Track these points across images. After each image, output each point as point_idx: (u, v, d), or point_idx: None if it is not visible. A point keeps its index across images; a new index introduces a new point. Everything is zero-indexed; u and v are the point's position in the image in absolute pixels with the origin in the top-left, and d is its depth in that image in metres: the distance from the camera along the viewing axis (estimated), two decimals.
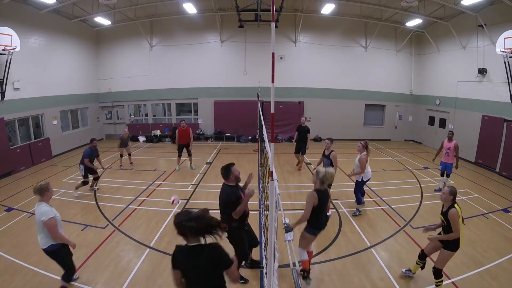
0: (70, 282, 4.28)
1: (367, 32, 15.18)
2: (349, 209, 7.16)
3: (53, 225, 3.71)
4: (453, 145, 7.95)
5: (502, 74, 10.01)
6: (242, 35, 15.18)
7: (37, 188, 3.79)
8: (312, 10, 14.01)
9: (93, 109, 15.63)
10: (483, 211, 7.10)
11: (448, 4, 10.88)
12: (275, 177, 2.37)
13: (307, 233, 4.24)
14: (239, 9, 12.30)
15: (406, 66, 15.95)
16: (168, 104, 16.38)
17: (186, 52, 15.38)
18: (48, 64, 12.20)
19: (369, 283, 4.49)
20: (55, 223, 3.74)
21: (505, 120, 10.27)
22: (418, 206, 7.39)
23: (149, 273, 4.70)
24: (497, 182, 9.55)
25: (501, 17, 10.06)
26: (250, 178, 4.62)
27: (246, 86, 15.30)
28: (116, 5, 12.40)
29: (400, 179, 9.57)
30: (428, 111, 15.09)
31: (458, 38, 12.21)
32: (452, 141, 8.01)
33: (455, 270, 4.75)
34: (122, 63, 15.74)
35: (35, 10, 11.12)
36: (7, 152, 10.03)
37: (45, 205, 3.79)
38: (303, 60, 15.45)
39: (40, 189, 3.78)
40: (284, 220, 2.86)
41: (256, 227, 6.19)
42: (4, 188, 8.69)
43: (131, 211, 6.97)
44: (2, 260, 4.99)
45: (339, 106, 15.76)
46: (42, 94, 11.85)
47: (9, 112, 10.34)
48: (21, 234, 5.89)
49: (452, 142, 7.99)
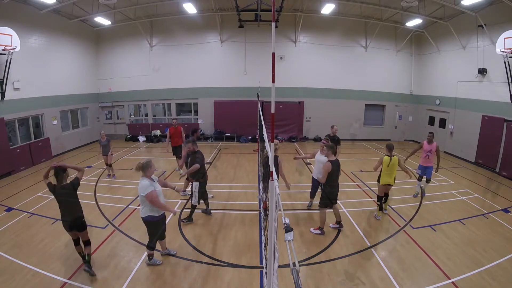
0: (154, 250, 4.82)
1: (367, 32, 15.17)
2: (349, 209, 7.16)
3: (153, 196, 4.26)
4: (434, 148, 7.39)
5: (502, 74, 10.01)
6: (242, 35, 15.18)
7: (139, 166, 4.36)
8: (312, 10, 14.01)
9: (93, 109, 15.63)
10: (483, 211, 7.09)
11: (448, 4, 10.88)
12: (275, 177, 2.37)
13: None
14: (239, 9, 12.29)
15: (406, 66, 15.94)
16: (168, 104, 16.38)
17: (186, 52, 15.38)
18: (48, 64, 12.20)
19: (369, 283, 4.49)
20: (155, 195, 4.28)
21: (505, 120, 10.27)
22: (418, 206, 7.39)
23: (149, 273, 4.70)
24: (497, 182, 9.55)
25: (501, 17, 10.06)
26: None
27: (246, 86, 15.29)
28: (116, 5, 12.40)
29: (400, 179, 9.55)
30: (428, 111, 15.09)
31: (458, 38, 12.21)
32: (433, 143, 7.44)
33: (455, 270, 4.75)
34: (122, 63, 15.74)
35: (35, 10, 11.12)
36: (7, 152, 10.03)
37: (146, 180, 4.33)
38: (303, 60, 15.45)
39: (142, 166, 4.35)
40: (284, 220, 2.85)
41: (256, 227, 6.20)
42: (4, 188, 8.68)
43: (131, 211, 6.97)
44: (2, 260, 4.98)
45: (339, 106, 15.76)
46: (42, 94, 11.85)
47: (9, 112, 10.35)
48: (21, 234, 5.89)
49: (433, 144, 7.42)
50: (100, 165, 10.44)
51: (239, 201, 7.57)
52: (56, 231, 5.84)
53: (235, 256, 5.17)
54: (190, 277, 4.61)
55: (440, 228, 6.24)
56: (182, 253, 5.27)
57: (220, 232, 6.03)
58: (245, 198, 7.81)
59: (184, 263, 4.97)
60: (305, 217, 6.76)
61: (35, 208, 7.09)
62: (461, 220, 6.60)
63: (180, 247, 5.47)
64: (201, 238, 5.79)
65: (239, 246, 5.50)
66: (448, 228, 6.22)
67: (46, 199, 7.58)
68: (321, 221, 5.94)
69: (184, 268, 4.85)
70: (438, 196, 8.07)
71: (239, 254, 5.23)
